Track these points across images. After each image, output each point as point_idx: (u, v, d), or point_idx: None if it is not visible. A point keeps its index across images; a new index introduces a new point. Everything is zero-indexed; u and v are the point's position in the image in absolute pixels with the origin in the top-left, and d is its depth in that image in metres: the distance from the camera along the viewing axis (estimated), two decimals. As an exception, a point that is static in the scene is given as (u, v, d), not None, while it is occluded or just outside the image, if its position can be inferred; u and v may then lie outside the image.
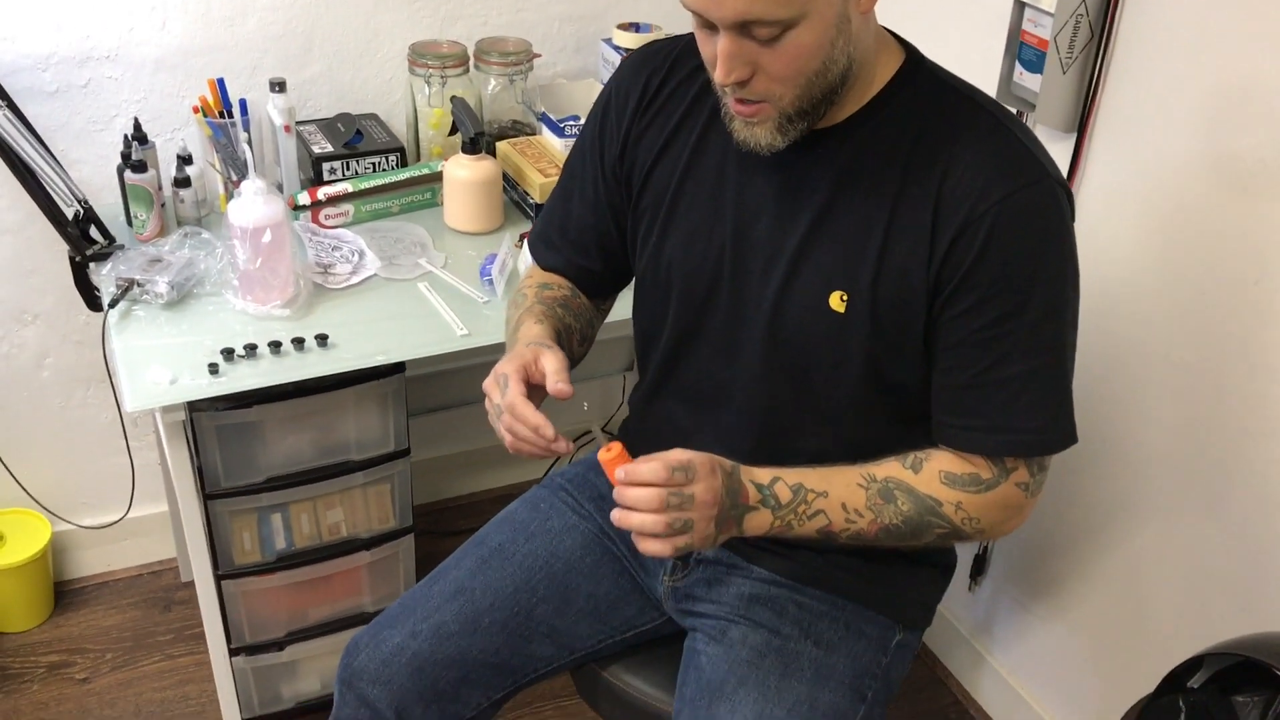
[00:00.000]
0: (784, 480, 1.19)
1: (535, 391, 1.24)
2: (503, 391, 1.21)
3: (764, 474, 1.19)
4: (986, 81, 1.68)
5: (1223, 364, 1.50)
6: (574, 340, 1.40)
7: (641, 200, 1.34)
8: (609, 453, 1.14)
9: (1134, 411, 1.64)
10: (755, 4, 1.03)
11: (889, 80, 1.19)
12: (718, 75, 1.11)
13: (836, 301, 1.21)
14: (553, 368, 1.22)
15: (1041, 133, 1.69)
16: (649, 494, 1.11)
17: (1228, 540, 1.54)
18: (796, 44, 1.07)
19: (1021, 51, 1.64)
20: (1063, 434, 1.21)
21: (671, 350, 1.37)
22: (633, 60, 1.37)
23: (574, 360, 1.39)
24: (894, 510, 1.20)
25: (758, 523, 1.18)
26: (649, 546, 1.12)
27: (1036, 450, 1.21)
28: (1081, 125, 1.62)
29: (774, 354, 1.27)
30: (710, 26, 1.09)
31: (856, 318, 1.20)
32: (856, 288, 1.19)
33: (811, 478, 1.20)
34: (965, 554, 1.93)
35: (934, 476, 1.21)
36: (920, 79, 1.20)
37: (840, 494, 1.20)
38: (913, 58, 1.21)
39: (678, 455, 1.13)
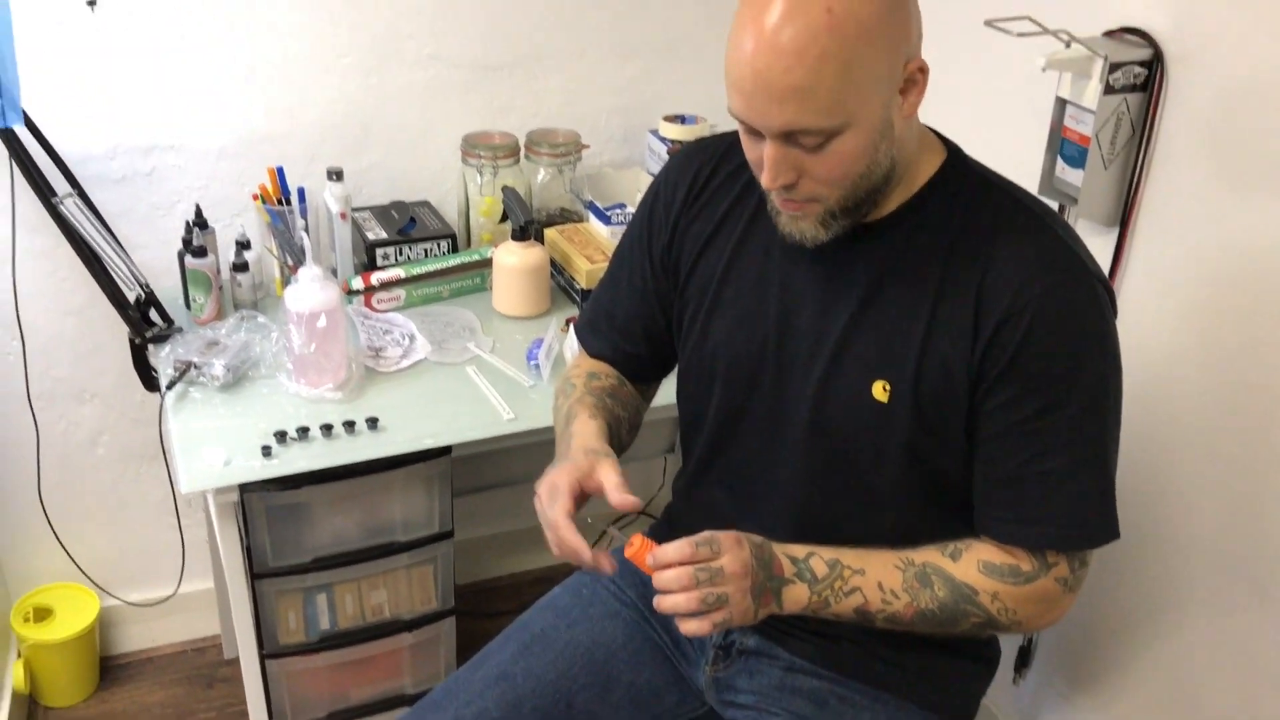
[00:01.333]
0: (820, 555, 1.21)
1: (585, 498, 1.25)
2: (551, 503, 1.22)
3: (799, 549, 1.21)
4: (1029, 176, 1.71)
5: (1268, 456, 1.49)
6: (623, 430, 1.42)
7: (688, 288, 1.37)
8: (631, 548, 1.17)
9: (1178, 503, 1.63)
10: (801, 116, 1.06)
11: (931, 176, 1.22)
12: (764, 180, 1.14)
13: (880, 391, 1.22)
14: (613, 482, 1.21)
15: (1084, 227, 1.71)
16: (679, 573, 1.13)
17: (1276, 635, 1.52)
18: (841, 150, 1.10)
19: (1064, 147, 1.66)
20: (1104, 529, 1.21)
21: (715, 436, 1.39)
22: (683, 153, 1.42)
23: (622, 449, 1.41)
24: (930, 595, 1.20)
25: (795, 596, 1.19)
26: (689, 626, 1.14)
27: (1076, 544, 1.21)
28: (1124, 220, 1.64)
29: (816, 442, 1.28)
30: (756, 133, 1.12)
31: (899, 407, 1.22)
32: (900, 377, 1.21)
33: (848, 555, 1.21)
34: (1010, 646, 1.91)
35: (972, 565, 1.21)
36: (963, 175, 1.23)
37: (877, 573, 1.21)
38: (955, 155, 1.24)
39: (703, 534, 1.15)
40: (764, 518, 1.33)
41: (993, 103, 1.87)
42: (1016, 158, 1.77)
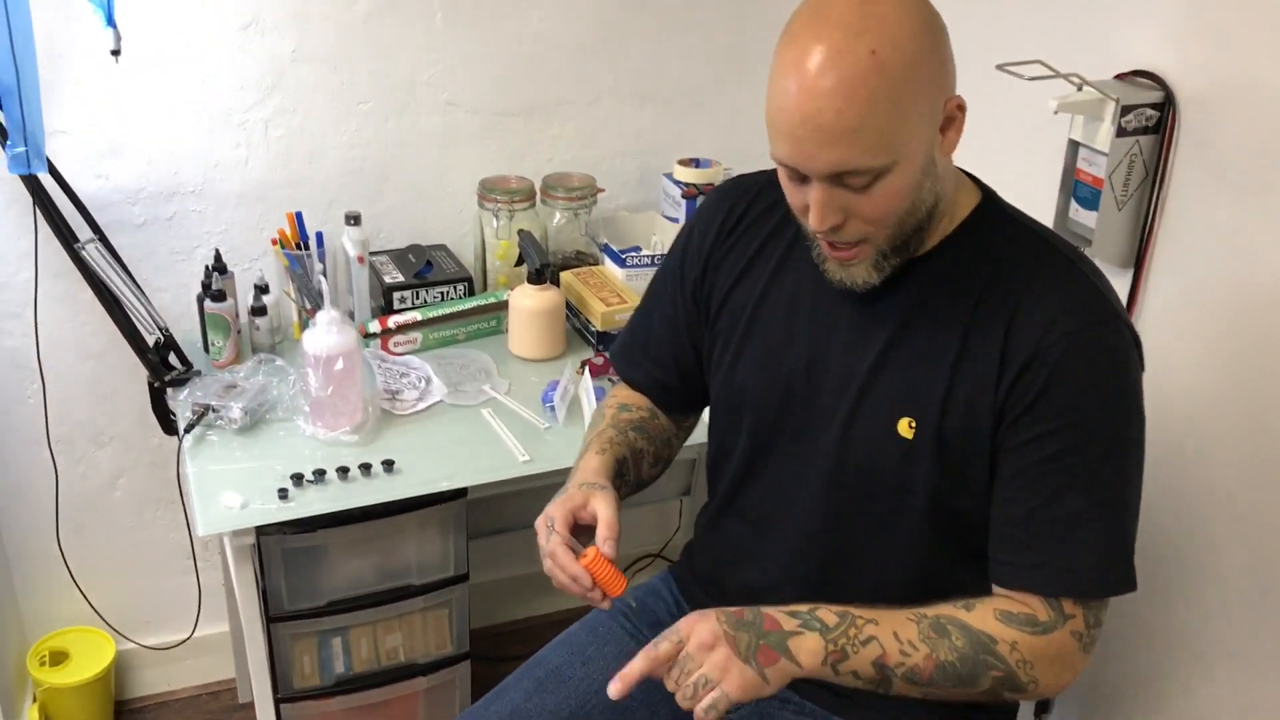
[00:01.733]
0: (826, 608, 1.16)
1: (583, 531, 1.26)
2: (547, 535, 1.23)
3: (801, 606, 1.17)
4: (1043, 218, 1.69)
5: (1291, 501, 1.48)
6: (643, 464, 1.43)
7: (719, 322, 1.39)
8: (585, 559, 1.20)
9: (1201, 550, 1.61)
10: (851, 156, 1.07)
11: (966, 217, 1.23)
12: (812, 223, 1.14)
13: (905, 428, 1.22)
14: (605, 519, 1.22)
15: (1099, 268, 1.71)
16: (660, 682, 1.14)
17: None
18: (888, 189, 1.11)
19: (1077, 189, 1.67)
20: (1119, 579, 1.19)
21: (742, 471, 1.39)
22: (719, 189, 1.45)
23: (642, 483, 1.43)
24: (948, 645, 1.16)
25: (809, 646, 1.14)
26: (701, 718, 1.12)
27: (1089, 591, 1.18)
28: (1138, 261, 1.64)
29: (840, 477, 1.28)
30: (800, 178, 1.13)
31: (924, 445, 1.22)
32: (925, 415, 1.21)
33: (857, 607, 1.17)
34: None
35: (989, 613, 1.18)
36: (996, 217, 1.24)
37: (891, 624, 1.16)
38: (989, 197, 1.26)
39: (663, 634, 1.14)
40: (782, 554, 1.33)
41: (1005, 145, 1.88)
42: (1030, 200, 1.77)
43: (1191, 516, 1.62)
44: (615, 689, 1.13)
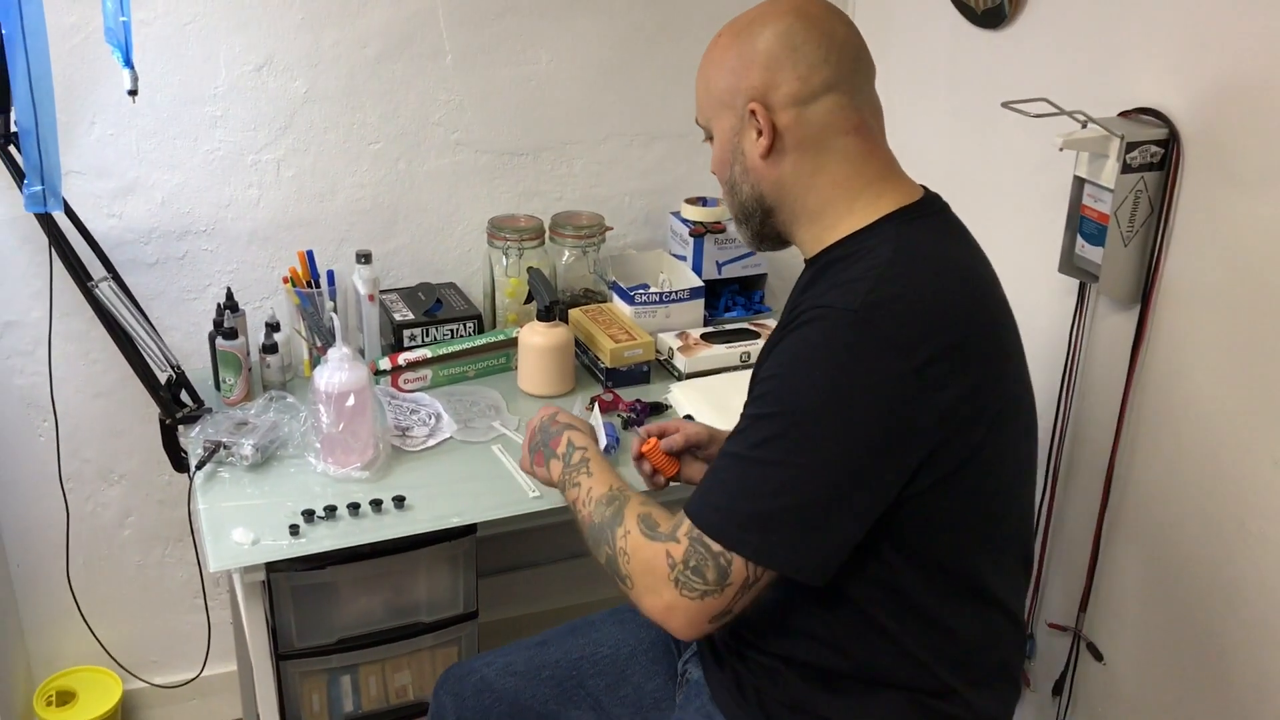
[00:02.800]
0: (585, 452, 1.43)
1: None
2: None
3: (583, 441, 1.46)
4: (1049, 254, 1.73)
5: (1302, 535, 1.48)
6: None
7: None
8: (645, 445, 1.56)
9: (1207, 583, 1.61)
10: (697, 105, 1.35)
11: (855, 231, 1.26)
12: None
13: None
14: (677, 426, 1.56)
15: (1104, 305, 1.72)
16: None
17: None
18: (712, 152, 1.35)
19: (1083, 225, 1.68)
20: (719, 526, 1.18)
21: None
22: None
23: None
24: (601, 512, 1.32)
25: (554, 470, 1.46)
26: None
27: (688, 510, 1.21)
28: (1145, 297, 1.65)
29: None
30: None
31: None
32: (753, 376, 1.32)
33: (599, 464, 1.40)
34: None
35: (638, 507, 1.29)
36: (874, 233, 1.25)
37: (595, 484, 1.37)
38: (902, 213, 1.26)
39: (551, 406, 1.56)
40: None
41: (1012, 182, 1.90)
42: (1037, 237, 1.80)
43: (1191, 548, 1.62)
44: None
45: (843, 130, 1.26)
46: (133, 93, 1.61)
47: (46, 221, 1.73)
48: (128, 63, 1.59)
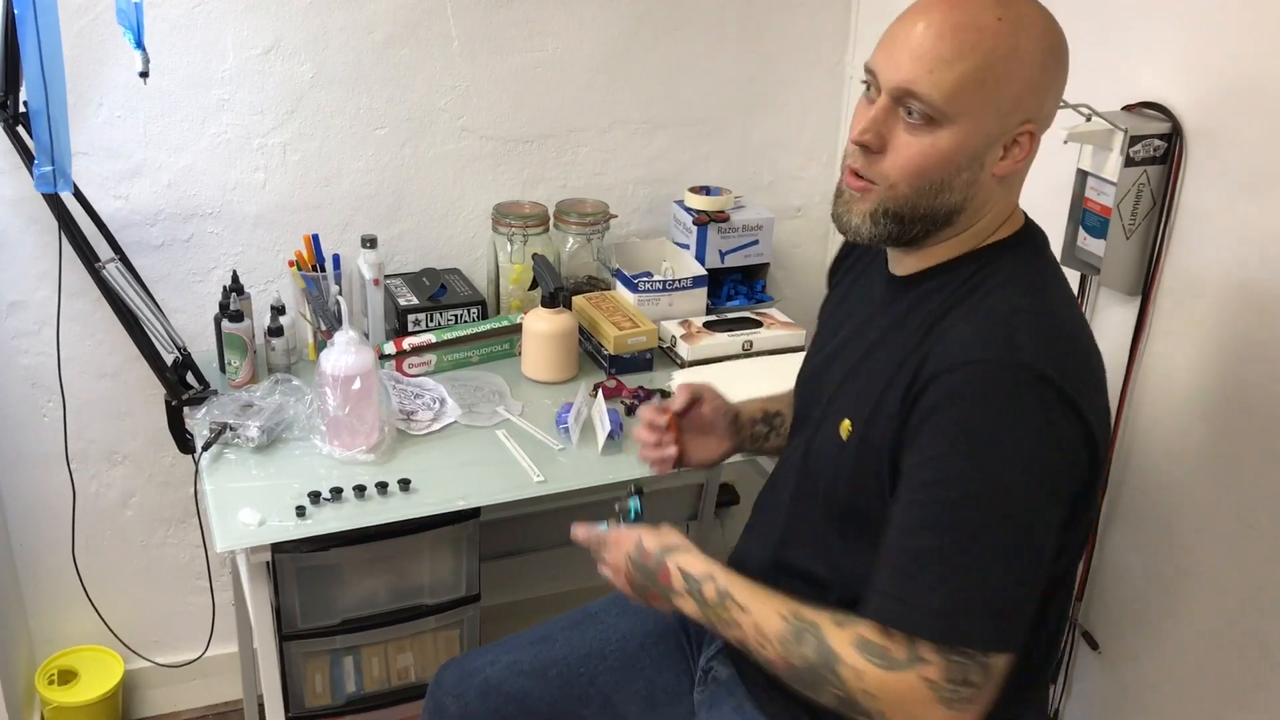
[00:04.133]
0: (716, 580, 1.26)
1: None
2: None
3: (701, 566, 1.28)
4: (1052, 245, 1.74)
5: (1298, 526, 1.50)
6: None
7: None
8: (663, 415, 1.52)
9: (1206, 575, 1.63)
10: (923, 80, 1.13)
11: (981, 247, 1.24)
12: (854, 131, 1.20)
13: (844, 430, 1.27)
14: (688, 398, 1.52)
15: (1106, 296, 1.74)
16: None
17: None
18: (931, 143, 1.15)
19: (1085, 218, 1.70)
20: (969, 631, 1.11)
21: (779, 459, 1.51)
22: None
23: (781, 450, 1.54)
24: (799, 653, 1.18)
25: (690, 609, 1.28)
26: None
27: (924, 631, 1.11)
28: (1145, 289, 1.66)
29: (804, 468, 1.37)
30: (868, 100, 1.20)
31: (851, 447, 1.26)
32: (857, 420, 1.26)
33: (742, 592, 1.24)
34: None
35: (850, 636, 1.15)
36: (1006, 254, 1.24)
37: (759, 616, 1.21)
38: (1021, 235, 1.26)
39: (606, 533, 1.37)
40: (759, 539, 1.43)
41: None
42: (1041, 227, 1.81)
43: (1192, 539, 1.64)
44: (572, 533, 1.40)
45: None
46: (144, 74, 1.61)
47: (55, 202, 1.74)
48: (139, 44, 1.59)
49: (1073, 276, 1.76)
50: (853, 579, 1.25)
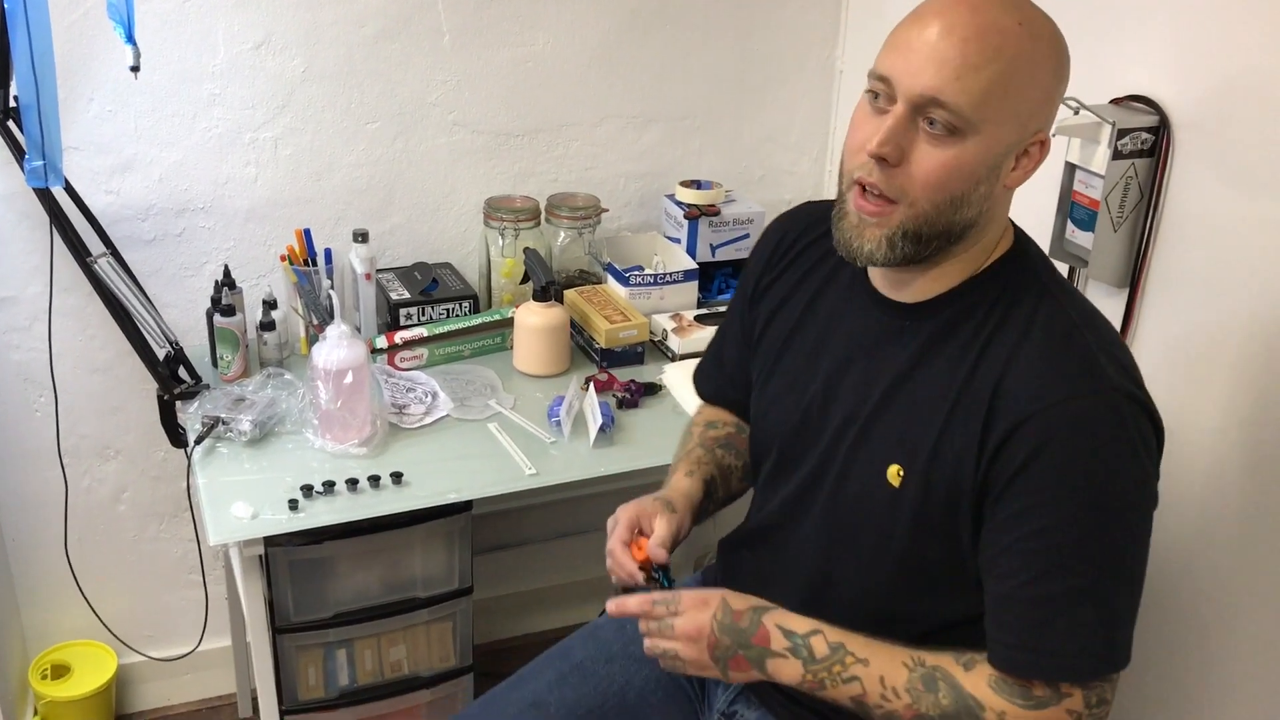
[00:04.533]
0: (825, 635, 1.18)
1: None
2: (611, 531, 1.33)
3: (803, 623, 1.20)
4: (1040, 239, 1.73)
5: (1285, 516, 1.51)
6: (732, 480, 1.49)
7: (760, 346, 1.42)
8: (639, 550, 1.33)
9: (1209, 572, 1.64)
10: (947, 86, 1.07)
11: (991, 263, 1.21)
12: (871, 144, 1.11)
13: (894, 475, 1.21)
14: (659, 536, 1.32)
15: (1095, 289, 1.75)
16: (639, 620, 1.26)
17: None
18: (955, 155, 1.09)
19: (1073, 210, 1.71)
20: (1107, 660, 1.13)
21: (760, 497, 1.42)
22: (779, 217, 1.47)
23: (732, 497, 1.49)
24: (933, 701, 1.15)
25: (787, 672, 1.19)
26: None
27: (1072, 675, 1.12)
28: (1134, 281, 1.68)
29: (834, 514, 1.29)
30: (884, 103, 1.12)
31: (908, 494, 1.20)
32: (913, 465, 1.20)
33: (856, 642, 1.18)
34: None
35: (983, 679, 1.15)
36: (1017, 267, 1.21)
37: (882, 667, 1.17)
38: (1019, 246, 1.24)
39: (674, 594, 1.23)
40: (779, 585, 1.33)
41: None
42: (1027, 221, 1.81)
43: (1193, 533, 1.65)
44: (612, 609, 1.26)
45: None
46: (135, 69, 1.61)
47: (46, 197, 1.74)
48: (130, 39, 1.60)
49: (1061, 269, 1.77)
50: (919, 617, 1.25)
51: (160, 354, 1.85)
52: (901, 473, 1.20)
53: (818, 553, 1.32)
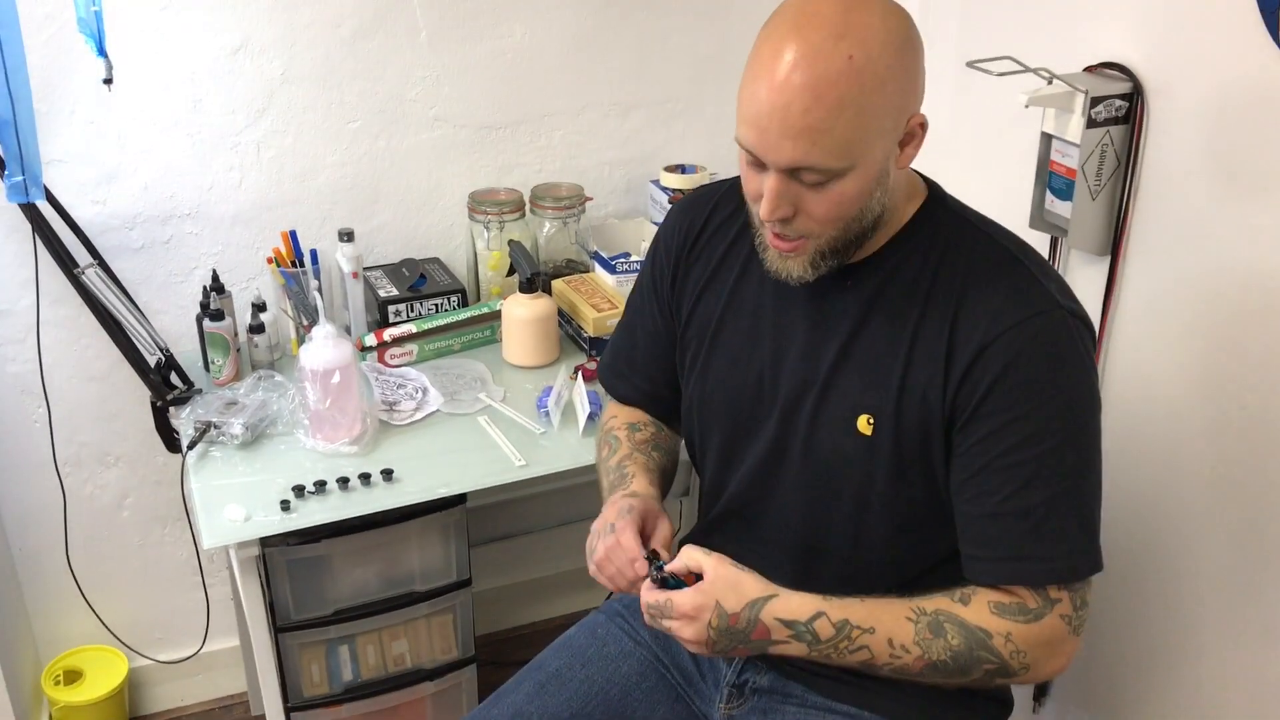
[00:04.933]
0: (828, 616, 1.20)
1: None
2: (608, 534, 1.30)
3: (805, 607, 1.20)
4: (1020, 210, 1.75)
5: (1266, 480, 1.51)
6: (666, 482, 1.49)
7: (689, 331, 1.43)
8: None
9: (1184, 534, 1.64)
10: (811, 154, 1.10)
11: (913, 216, 1.27)
12: (762, 212, 1.17)
13: (864, 424, 1.26)
14: (662, 538, 1.32)
15: (1075, 258, 1.75)
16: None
17: (1290, 656, 1.53)
18: (840, 191, 1.14)
19: (1051, 180, 1.70)
20: (1090, 560, 1.21)
21: (718, 476, 1.43)
22: (680, 204, 1.48)
23: (664, 499, 1.47)
24: (943, 645, 1.19)
25: (793, 651, 1.21)
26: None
27: (1064, 576, 1.20)
28: (1114, 249, 1.67)
29: (809, 476, 1.32)
30: (758, 165, 1.16)
31: (882, 440, 1.25)
32: (882, 411, 1.25)
33: (858, 612, 1.20)
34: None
35: (983, 607, 1.21)
36: (941, 215, 1.28)
37: (888, 629, 1.20)
38: (935, 195, 1.29)
39: (678, 595, 1.20)
40: (767, 554, 1.35)
41: (980, 140, 1.91)
42: (1007, 193, 1.82)
43: (1173, 496, 1.65)
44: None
45: None
46: (108, 81, 1.63)
47: (30, 211, 1.76)
48: (101, 52, 1.61)
49: (1042, 239, 1.78)
50: (907, 561, 1.31)
51: (151, 361, 1.87)
52: (872, 420, 1.25)
53: (799, 520, 1.35)
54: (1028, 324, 1.18)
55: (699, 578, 1.21)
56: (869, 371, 1.26)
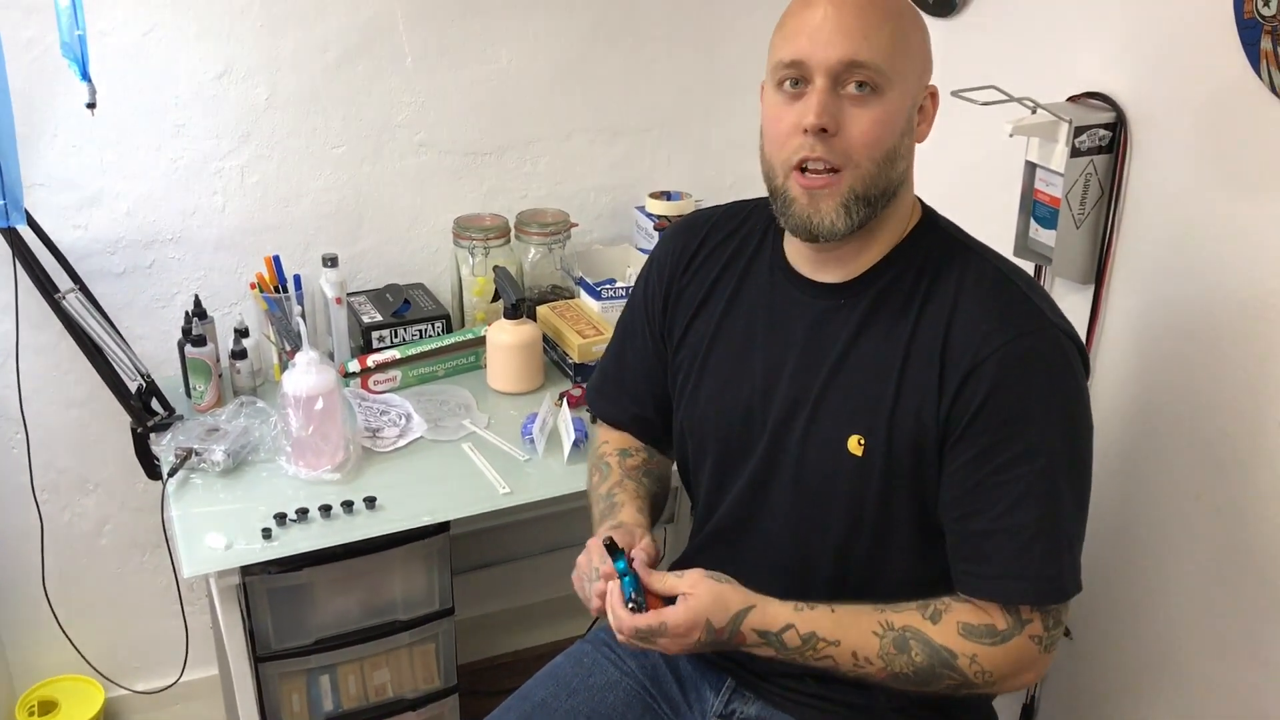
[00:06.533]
0: (796, 628, 1.23)
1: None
2: (599, 558, 1.30)
3: (779, 618, 1.23)
4: (1004, 238, 1.76)
5: (1253, 505, 1.51)
6: (659, 508, 1.50)
7: (679, 354, 1.43)
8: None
9: (1169, 555, 1.65)
10: (862, 49, 1.16)
11: (908, 233, 1.29)
12: (810, 118, 1.17)
13: (855, 445, 1.27)
14: (643, 551, 1.31)
15: (1059, 286, 1.75)
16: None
17: (1273, 684, 1.53)
18: (882, 110, 1.18)
19: (1036, 209, 1.71)
20: (1074, 582, 1.23)
21: (710, 497, 1.43)
22: (675, 227, 1.50)
23: (655, 524, 1.48)
24: (906, 660, 1.22)
25: (764, 653, 1.25)
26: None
27: (1050, 598, 1.22)
28: (1098, 277, 1.68)
29: (799, 496, 1.33)
30: (795, 96, 1.20)
31: (874, 461, 1.26)
32: (874, 432, 1.26)
33: (825, 624, 1.23)
34: (1014, 702, 1.91)
35: (952, 628, 1.22)
36: (934, 235, 1.30)
37: (853, 642, 1.22)
38: (929, 216, 1.32)
39: (662, 620, 1.21)
40: (754, 574, 1.34)
41: (965, 169, 1.92)
42: (991, 221, 1.81)
43: (1156, 521, 1.66)
44: (613, 621, 1.26)
45: None
46: (91, 105, 1.62)
47: (10, 235, 1.74)
48: (85, 76, 1.60)
49: (1026, 267, 1.77)
50: (895, 581, 1.30)
51: (132, 387, 1.85)
52: (863, 441, 1.26)
53: (788, 539, 1.36)
54: (1019, 342, 1.19)
55: (667, 600, 1.24)
56: (860, 392, 1.27)
